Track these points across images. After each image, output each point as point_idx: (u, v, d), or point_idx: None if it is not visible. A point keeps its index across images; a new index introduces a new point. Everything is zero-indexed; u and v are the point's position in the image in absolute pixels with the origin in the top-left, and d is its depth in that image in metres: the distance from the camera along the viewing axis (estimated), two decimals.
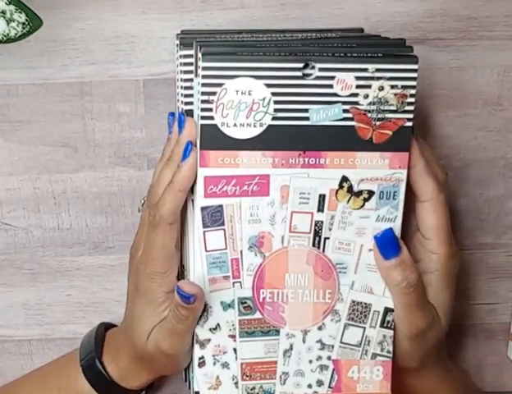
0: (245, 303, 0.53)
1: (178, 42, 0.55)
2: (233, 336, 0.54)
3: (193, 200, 0.53)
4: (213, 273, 0.53)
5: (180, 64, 0.55)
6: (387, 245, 0.53)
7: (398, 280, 0.52)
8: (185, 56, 0.54)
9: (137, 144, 0.64)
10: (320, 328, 0.54)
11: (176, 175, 0.52)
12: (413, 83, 0.51)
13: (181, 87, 0.55)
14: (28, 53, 0.61)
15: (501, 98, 0.64)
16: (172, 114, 0.56)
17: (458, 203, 0.66)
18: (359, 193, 0.52)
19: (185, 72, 0.55)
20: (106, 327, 0.61)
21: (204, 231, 0.52)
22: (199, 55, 0.50)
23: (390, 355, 0.55)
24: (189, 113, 0.55)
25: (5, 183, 0.64)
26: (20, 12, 0.54)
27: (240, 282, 0.53)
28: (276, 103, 0.50)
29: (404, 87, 0.50)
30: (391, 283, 0.53)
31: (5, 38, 0.54)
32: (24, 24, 0.54)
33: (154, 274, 0.54)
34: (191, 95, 0.55)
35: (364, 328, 0.54)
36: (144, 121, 0.63)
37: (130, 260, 0.57)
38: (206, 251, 0.53)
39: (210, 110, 0.50)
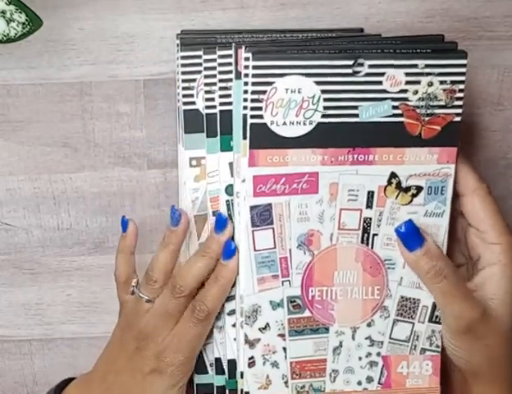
0: (294, 301, 0.54)
1: (178, 42, 0.55)
2: (282, 336, 0.54)
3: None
4: (262, 273, 0.53)
5: (181, 64, 0.55)
6: (410, 236, 0.52)
7: (426, 269, 0.52)
8: (185, 56, 0.54)
9: (137, 144, 0.64)
10: (369, 325, 0.55)
11: (224, 273, 0.54)
12: (462, 78, 0.51)
13: (181, 87, 0.55)
14: (28, 53, 0.61)
15: (501, 98, 0.64)
16: (175, 210, 0.56)
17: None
18: (408, 189, 0.52)
19: (185, 73, 0.55)
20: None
21: (253, 231, 0.52)
22: (248, 55, 0.49)
23: (439, 350, 0.55)
24: (190, 113, 0.55)
25: (5, 183, 0.64)
26: (20, 12, 0.54)
27: (288, 281, 0.53)
28: (325, 100, 0.50)
29: (453, 82, 0.51)
30: (421, 274, 0.53)
31: (5, 38, 0.54)
32: (24, 24, 0.54)
33: (188, 362, 0.55)
34: (191, 95, 0.55)
35: (413, 324, 0.55)
36: (144, 121, 0.63)
37: (137, 341, 0.56)
38: (255, 250, 0.53)
39: (260, 109, 0.50)
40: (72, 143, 0.63)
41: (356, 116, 0.51)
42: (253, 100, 0.50)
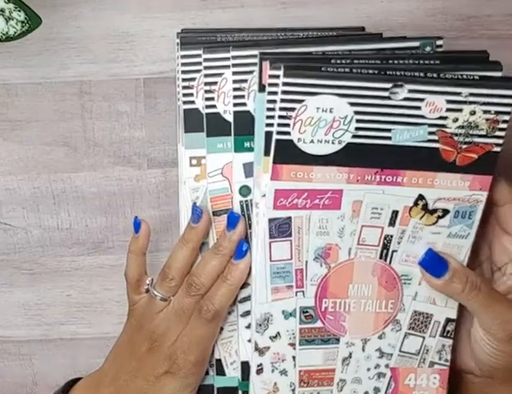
0: (307, 312, 0.53)
1: (178, 41, 0.55)
2: (293, 345, 0.54)
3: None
4: (276, 283, 0.52)
5: (181, 63, 0.55)
6: (434, 265, 0.52)
7: (459, 289, 0.51)
8: (185, 55, 0.54)
9: (137, 144, 0.63)
10: (380, 337, 0.54)
11: (234, 272, 0.53)
12: (508, 109, 0.48)
13: (181, 86, 0.55)
14: (27, 52, 0.61)
15: None
16: (196, 207, 0.55)
17: None
18: (434, 211, 0.51)
19: (185, 72, 0.55)
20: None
21: (270, 242, 0.51)
22: (280, 72, 0.47)
23: (448, 364, 0.55)
24: (190, 113, 0.55)
25: (4, 183, 0.64)
26: (19, 11, 0.54)
27: (302, 292, 0.53)
28: (358, 121, 0.48)
29: (497, 113, 0.48)
30: (455, 294, 0.52)
31: (4, 37, 0.54)
32: (23, 22, 0.54)
33: (199, 363, 0.55)
34: (191, 94, 0.55)
35: (424, 338, 0.54)
36: (144, 120, 0.63)
37: (149, 341, 0.56)
38: (270, 261, 0.52)
39: (287, 125, 0.48)
40: (72, 142, 0.63)
41: (388, 138, 0.48)
42: (280, 116, 0.48)
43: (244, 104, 0.54)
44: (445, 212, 0.51)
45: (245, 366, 0.56)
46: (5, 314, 0.66)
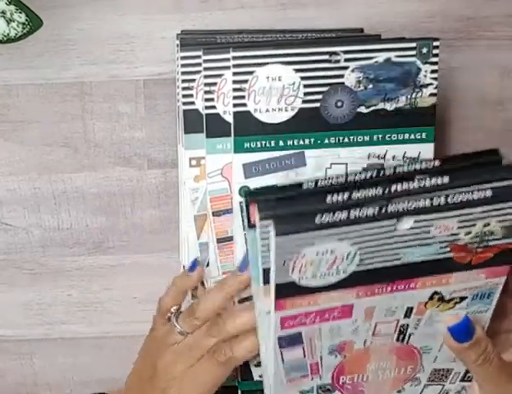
0: (325, 387, 0.53)
1: (178, 42, 0.55)
2: None
3: None
4: (291, 375, 0.51)
5: (181, 64, 0.55)
6: (463, 332, 0.51)
7: (473, 359, 0.51)
8: (185, 57, 0.54)
9: (137, 144, 0.64)
10: (399, 391, 0.54)
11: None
12: None
13: (181, 87, 0.55)
14: (28, 53, 0.61)
15: (501, 98, 0.64)
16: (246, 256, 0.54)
17: None
18: (451, 299, 0.49)
19: (185, 73, 0.55)
20: None
21: (281, 351, 0.50)
22: (271, 228, 0.43)
23: None
24: (190, 114, 0.55)
25: (5, 183, 0.64)
26: (21, 12, 0.54)
27: (319, 376, 0.52)
28: (361, 253, 0.44)
29: None
30: (467, 362, 0.51)
31: (5, 39, 0.54)
32: (24, 24, 0.54)
33: None
34: (191, 95, 0.55)
35: (444, 385, 0.54)
36: (144, 121, 0.63)
37: (152, 370, 0.55)
38: (283, 362, 0.51)
39: (286, 272, 0.44)
40: (72, 143, 0.63)
41: (397, 259, 0.45)
42: (277, 268, 0.44)
43: (244, 105, 0.54)
44: (463, 298, 0.49)
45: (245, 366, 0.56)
46: (6, 314, 0.66)
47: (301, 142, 0.55)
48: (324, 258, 0.44)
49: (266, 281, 0.46)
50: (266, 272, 0.46)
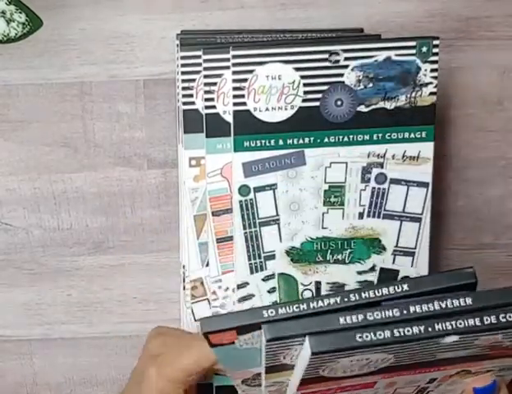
0: None
1: (178, 42, 0.55)
2: None
3: None
4: None
5: (180, 64, 0.55)
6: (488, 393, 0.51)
7: None
8: (185, 56, 0.54)
9: (137, 144, 0.64)
10: None
11: None
12: None
13: (181, 87, 0.55)
14: (28, 53, 0.61)
15: (501, 98, 0.64)
16: None
17: (458, 203, 0.66)
18: (477, 372, 0.49)
19: (185, 73, 0.55)
20: None
21: None
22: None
23: None
24: (190, 114, 0.55)
25: (5, 183, 0.64)
26: (21, 12, 0.54)
27: None
28: (396, 357, 0.44)
29: None
30: None
31: (5, 39, 0.54)
32: (24, 24, 0.54)
33: None
34: (191, 95, 0.55)
35: None
36: (144, 121, 0.63)
37: None
38: None
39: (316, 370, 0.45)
40: (72, 143, 0.63)
41: (433, 357, 0.45)
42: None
43: (243, 104, 0.54)
44: (489, 371, 0.49)
45: None
46: (5, 314, 0.66)
47: (301, 141, 0.55)
48: (357, 363, 0.44)
49: (269, 372, 0.47)
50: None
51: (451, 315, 0.43)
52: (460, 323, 0.43)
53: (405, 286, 0.46)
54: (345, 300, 0.46)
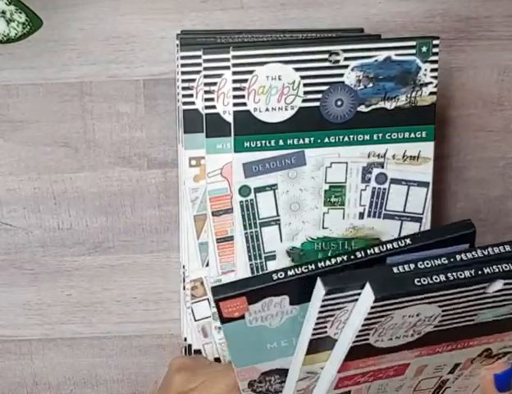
0: None
1: (178, 42, 0.55)
2: None
3: None
4: None
5: (180, 64, 0.55)
6: (505, 382, 0.51)
7: None
8: (185, 56, 0.54)
9: (137, 144, 0.64)
10: None
11: None
12: None
13: (181, 87, 0.55)
14: (28, 53, 0.61)
15: (501, 98, 0.64)
16: None
17: (458, 204, 0.66)
18: (496, 355, 0.50)
19: (185, 73, 0.55)
20: None
21: None
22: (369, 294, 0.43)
23: None
24: (190, 114, 0.55)
25: (5, 183, 0.64)
26: (21, 12, 0.54)
27: None
28: (443, 315, 0.45)
29: None
30: None
31: (5, 39, 0.54)
32: (24, 24, 0.54)
33: None
34: (191, 95, 0.55)
35: None
36: (144, 121, 0.63)
37: None
38: None
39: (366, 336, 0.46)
40: (72, 143, 0.63)
41: (472, 320, 0.46)
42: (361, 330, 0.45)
43: (244, 104, 0.54)
44: (506, 353, 0.50)
45: None
46: (6, 314, 0.66)
47: (301, 141, 0.55)
48: (407, 320, 0.45)
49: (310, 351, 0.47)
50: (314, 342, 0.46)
51: (495, 261, 0.45)
52: (506, 266, 0.44)
53: (408, 240, 0.48)
54: (352, 257, 0.47)
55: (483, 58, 0.63)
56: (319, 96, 0.54)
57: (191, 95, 0.55)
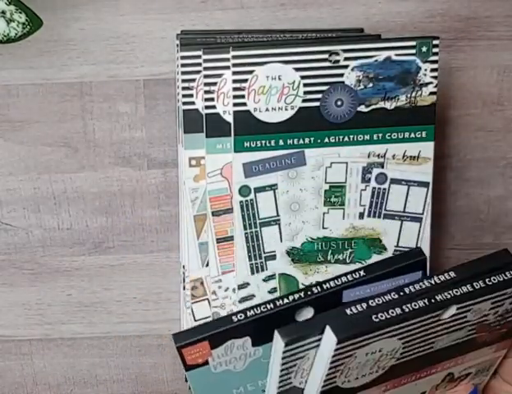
0: None
1: (178, 42, 0.55)
2: None
3: None
4: None
5: (180, 64, 0.55)
6: None
7: None
8: (185, 56, 0.54)
9: (137, 144, 0.64)
10: None
11: None
12: None
13: (181, 87, 0.55)
14: (28, 53, 0.61)
15: (501, 98, 0.64)
16: None
17: (458, 204, 0.66)
18: (458, 378, 0.51)
19: (185, 73, 0.55)
20: None
21: None
22: (330, 340, 0.45)
23: None
24: (190, 114, 0.55)
25: (5, 183, 0.64)
26: (21, 12, 0.54)
27: None
28: (403, 347, 0.47)
29: None
30: None
31: (5, 39, 0.54)
32: (24, 24, 0.54)
33: None
34: (191, 95, 0.55)
35: None
36: (144, 121, 0.63)
37: None
38: None
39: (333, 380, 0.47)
40: (72, 143, 0.63)
41: (431, 348, 0.48)
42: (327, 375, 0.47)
43: (244, 104, 0.54)
44: (468, 374, 0.51)
45: None
46: (6, 314, 0.66)
47: (301, 141, 0.55)
48: (371, 357, 0.46)
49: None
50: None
51: (445, 287, 0.46)
52: (456, 292, 0.46)
53: (362, 272, 0.50)
54: (309, 293, 0.48)
55: (483, 58, 0.63)
56: (319, 96, 0.54)
57: (191, 95, 0.55)
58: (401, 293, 0.47)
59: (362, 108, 0.54)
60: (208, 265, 0.58)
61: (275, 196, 0.56)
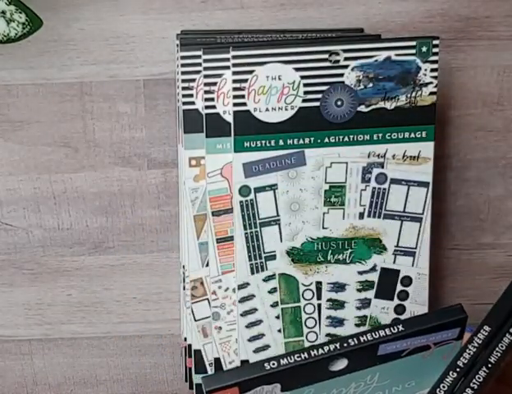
0: None
1: (178, 42, 0.55)
2: None
3: None
4: None
5: (181, 64, 0.55)
6: None
7: None
8: (185, 56, 0.54)
9: (137, 144, 0.64)
10: None
11: None
12: None
13: (181, 87, 0.55)
14: (28, 53, 0.61)
15: (501, 98, 0.64)
16: None
17: (458, 203, 0.66)
18: None
19: (185, 73, 0.55)
20: None
21: None
22: None
23: None
24: (190, 114, 0.55)
25: (5, 183, 0.64)
26: (21, 12, 0.54)
27: None
28: None
29: None
30: None
31: (5, 39, 0.54)
32: (24, 24, 0.54)
33: None
34: (191, 95, 0.55)
35: None
36: (144, 121, 0.63)
37: None
38: None
39: None
40: (72, 143, 0.63)
41: None
42: None
43: (244, 104, 0.54)
44: None
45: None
46: (6, 314, 0.66)
47: (301, 141, 0.55)
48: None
49: None
50: None
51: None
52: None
53: (400, 327, 0.49)
54: (345, 345, 0.48)
55: (483, 58, 0.63)
56: (319, 96, 0.54)
57: (191, 95, 0.55)
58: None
59: (362, 108, 0.54)
60: (208, 265, 0.58)
61: (275, 196, 0.56)
